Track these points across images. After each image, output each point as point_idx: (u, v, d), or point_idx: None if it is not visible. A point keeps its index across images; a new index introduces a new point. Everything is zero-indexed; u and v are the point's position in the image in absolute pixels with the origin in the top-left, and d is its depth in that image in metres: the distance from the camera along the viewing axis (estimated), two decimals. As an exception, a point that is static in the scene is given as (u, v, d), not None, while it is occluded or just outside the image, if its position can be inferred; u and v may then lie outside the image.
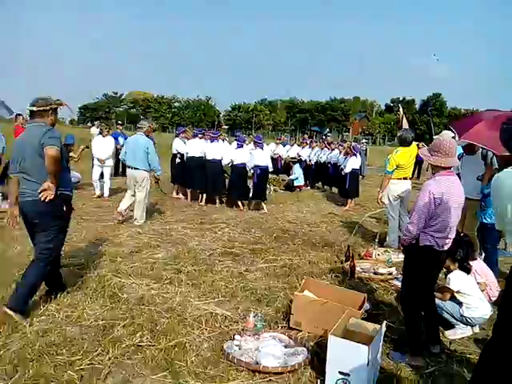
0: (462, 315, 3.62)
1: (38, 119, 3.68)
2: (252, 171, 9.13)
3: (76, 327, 3.41)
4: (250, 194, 9.17)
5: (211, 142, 9.47)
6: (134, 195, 7.11)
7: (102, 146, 9.66)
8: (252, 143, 10.03)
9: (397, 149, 6.27)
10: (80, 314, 3.61)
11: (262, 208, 8.97)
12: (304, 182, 12.81)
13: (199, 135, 9.66)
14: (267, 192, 10.97)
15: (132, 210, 7.20)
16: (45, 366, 2.83)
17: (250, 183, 9.40)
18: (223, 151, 9.39)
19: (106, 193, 9.66)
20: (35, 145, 3.53)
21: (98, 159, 9.55)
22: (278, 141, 15.67)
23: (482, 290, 3.88)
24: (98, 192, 9.52)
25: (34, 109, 3.68)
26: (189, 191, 9.77)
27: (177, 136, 10.50)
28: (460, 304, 3.65)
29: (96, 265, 4.85)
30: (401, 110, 6.92)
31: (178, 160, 9.90)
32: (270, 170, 9.47)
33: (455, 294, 3.67)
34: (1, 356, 2.93)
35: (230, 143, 11.55)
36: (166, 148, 10.28)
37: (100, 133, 10.19)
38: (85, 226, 6.68)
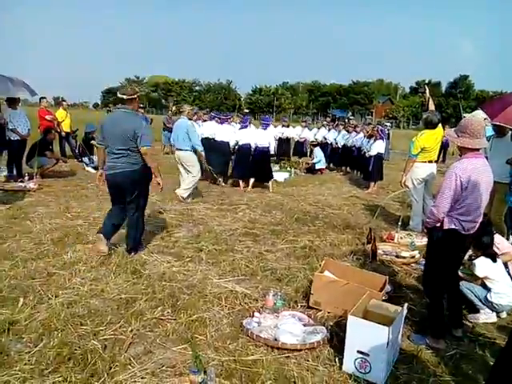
0: (489, 301, 3.55)
1: (127, 105, 4.40)
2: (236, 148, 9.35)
3: (100, 300, 3.50)
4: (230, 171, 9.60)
5: (221, 124, 9.74)
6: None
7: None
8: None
9: (422, 131, 6.10)
10: (103, 288, 3.70)
11: (268, 188, 9.11)
12: (326, 165, 12.67)
13: (216, 118, 9.91)
14: (287, 175, 10.97)
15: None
16: (69, 336, 2.92)
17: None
18: (231, 133, 9.61)
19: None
20: (128, 130, 4.26)
21: None
22: (303, 123, 15.09)
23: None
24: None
25: (125, 97, 4.38)
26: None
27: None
28: (489, 289, 3.58)
29: (119, 242, 4.94)
30: (427, 91, 6.68)
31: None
32: (272, 152, 9.62)
33: (483, 279, 3.60)
34: (27, 325, 3.03)
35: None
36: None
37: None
38: (107, 205, 6.78)
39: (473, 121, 3.03)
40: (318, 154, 12.36)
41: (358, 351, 2.69)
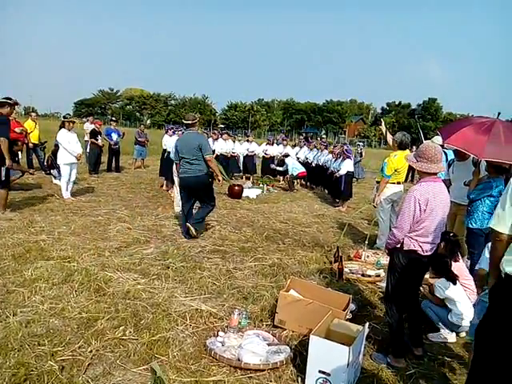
0: (450, 321, 3.65)
1: (192, 128, 6.19)
2: None
3: (59, 319, 3.40)
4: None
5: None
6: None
7: (73, 140, 8.46)
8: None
9: (395, 153, 6.20)
10: (64, 307, 3.60)
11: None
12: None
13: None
14: (259, 191, 11.07)
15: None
16: (26, 356, 2.82)
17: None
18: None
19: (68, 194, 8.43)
20: (195, 145, 5.92)
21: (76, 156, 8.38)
22: (284, 142, 14.72)
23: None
24: (67, 195, 8.38)
25: (190, 122, 6.14)
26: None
27: (166, 132, 10.94)
28: (450, 310, 3.67)
29: (83, 258, 4.84)
30: (383, 123, 6.88)
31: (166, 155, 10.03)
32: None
33: (444, 300, 3.70)
34: (-18, 345, 2.91)
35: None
36: (159, 145, 10.30)
37: (62, 127, 8.56)
38: (74, 219, 6.65)
39: (430, 146, 3.15)
40: (289, 161, 12.50)
41: (320, 371, 2.71)
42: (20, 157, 9.58)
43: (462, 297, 3.71)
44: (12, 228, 5.84)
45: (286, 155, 13.18)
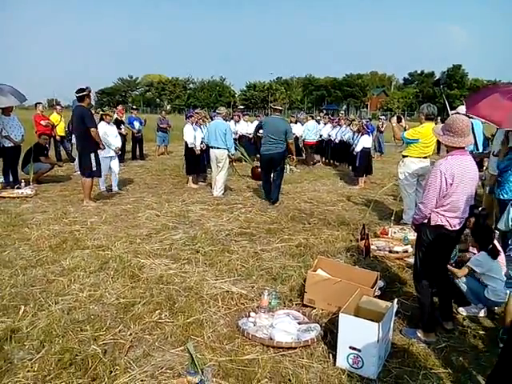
0: (486, 297, 3.59)
1: (277, 113, 7.90)
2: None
3: (99, 305, 3.58)
4: None
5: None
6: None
7: (113, 133, 8.47)
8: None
9: (422, 124, 6.02)
10: (102, 293, 3.78)
11: None
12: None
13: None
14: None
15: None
16: (70, 342, 3.00)
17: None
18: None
19: (115, 186, 8.51)
20: (282, 129, 7.31)
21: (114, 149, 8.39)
22: (309, 118, 14.31)
23: None
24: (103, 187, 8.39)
25: (278, 107, 8.01)
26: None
27: (186, 118, 9.91)
28: (485, 285, 3.62)
29: (117, 246, 5.02)
30: (393, 119, 6.69)
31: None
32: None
33: (481, 276, 3.64)
34: (28, 333, 3.11)
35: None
36: (180, 131, 10.32)
37: (102, 119, 8.58)
38: (105, 209, 6.87)
39: (458, 119, 3.08)
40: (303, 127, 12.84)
41: (350, 347, 2.78)
42: (49, 149, 9.92)
43: (500, 273, 3.64)
44: (47, 220, 6.09)
45: (296, 121, 13.28)
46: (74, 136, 10.20)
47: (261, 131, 12.87)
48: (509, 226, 3.22)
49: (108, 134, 8.20)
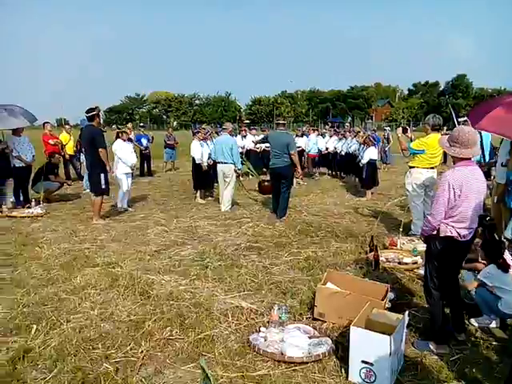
0: (499, 309, 3.54)
1: (281, 127, 7.78)
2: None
3: (110, 323, 3.60)
4: None
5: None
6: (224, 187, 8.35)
7: (129, 150, 8.55)
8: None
9: (428, 135, 6.06)
10: (113, 311, 3.80)
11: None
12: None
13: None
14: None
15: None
16: (82, 360, 3.02)
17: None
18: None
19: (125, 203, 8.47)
20: (284, 142, 7.37)
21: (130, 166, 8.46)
22: (315, 132, 14.60)
23: None
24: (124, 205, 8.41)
25: (281, 122, 7.95)
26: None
27: (193, 135, 9.90)
28: (499, 298, 3.57)
29: (126, 263, 5.06)
30: (399, 130, 6.70)
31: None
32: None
33: (493, 288, 3.59)
34: (41, 352, 3.13)
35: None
36: (187, 147, 10.42)
37: (118, 137, 8.59)
38: (114, 226, 6.93)
39: (464, 131, 3.10)
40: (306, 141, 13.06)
41: (363, 361, 2.76)
42: (58, 168, 10.06)
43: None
44: (57, 238, 6.16)
45: (303, 134, 13.42)
46: (82, 154, 10.36)
47: (264, 145, 13.25)
48: None
49: (125, 151, 8.30)
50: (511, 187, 4.68)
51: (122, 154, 8.21)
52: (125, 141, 8.52)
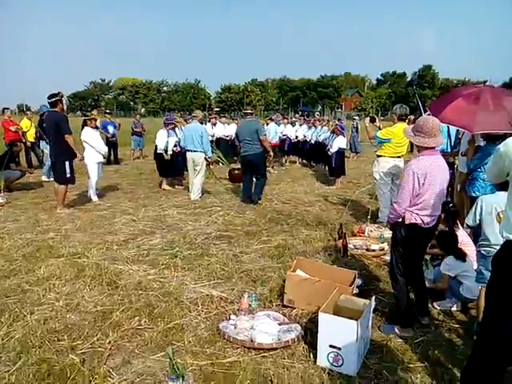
0: (462, 294, 3.69)
1: (249, 116, 8.04)
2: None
3: (76, 314, 3.51)
4: None
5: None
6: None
7: (98, 138, 8.26)
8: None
9: (394, 125, 6.17)
10: (79, 302, 3.71)
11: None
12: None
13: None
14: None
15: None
16: (47, 352, 2.93)
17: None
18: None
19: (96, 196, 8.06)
20: (253, 129, 7.51)
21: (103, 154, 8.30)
22: (285, 120, 14.78)
23: None
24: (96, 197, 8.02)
25: (248, 111, 8.16)
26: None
27: (165, 126, 9.43)
28: (460, 283, 3.72)
29: (93, 253, 4.94)
30: (366, 120, 7.02)
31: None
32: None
33: (456, 275, 3.74)
34: (4, 344, 3.03)
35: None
36: (155, 134, 10.19)
37: (85, 125, 8.21)
38: (79, 215, 6.74)
39: (428, 120, 3.17)
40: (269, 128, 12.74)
41: (330, 345, 2.82)
42: (19, 156, 9.68)
43: (473, 271, 3.72)
44: (19, 228, 5.94)
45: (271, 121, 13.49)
46: (42, 142, 10.01)
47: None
48: (476, 221, 3.35)
49: (96, 139, 7.99)
50: (471, 176, 4.83)
51: (94, 142, 7.86)
52: (93, 128, 8.16)
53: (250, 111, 8.26)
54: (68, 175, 6.86)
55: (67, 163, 6.81)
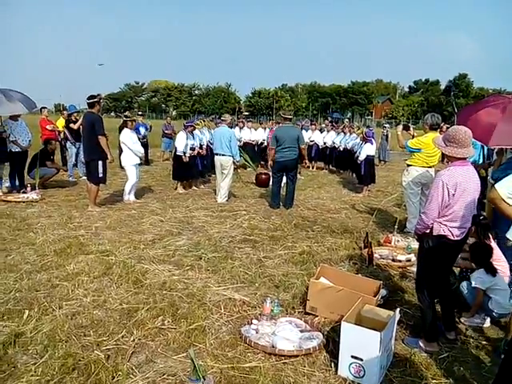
0: (490, 309, 3.59)
1: (288, 122, 8.04)
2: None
3: (102, 310, 3.60)
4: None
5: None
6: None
7: (136, 139, 8.30)
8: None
9: (426, 134, 6.06)
10: (106, 299, 3.80)
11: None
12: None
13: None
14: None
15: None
16: (73, 347, 3.02)
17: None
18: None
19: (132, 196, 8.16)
20: (295, 136, 7.61)
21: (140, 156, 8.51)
22: (313, 126, 14.80)
23: None
24: (131, 198, 8.10)
25: (288, 116, 8.10)
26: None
27: (185, 129, 9.30)
28: (490, 297, 3.61)
29: (121, 251, 5.05)
30: (399, 127, 6.87)
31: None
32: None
33: (487, 290, 3.63)
34: (32, 337, 3.13)
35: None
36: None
37: (125, 126, 8.33)
38: (109, 214, 6.91)
39: (460, 130, 3.10)
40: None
41: (352, 356, 2.78)
42: (55, 154, 10.02)
43: (503, 285, 3.64)
44: (52, 224, 6.14)
45: (302, 127, 13.37)
46: (68, 142, 10.33)
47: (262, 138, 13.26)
48: None
49: (134, 141, 8.05)
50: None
51: (132, 144, 7.94)
52: (131, 130, 8.26)
53: (289, 116, 8.07)
54: (100, 175, 7.06)
55: (100, 163, 7.01)
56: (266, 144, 13.22)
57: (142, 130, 13.42)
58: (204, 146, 10.05)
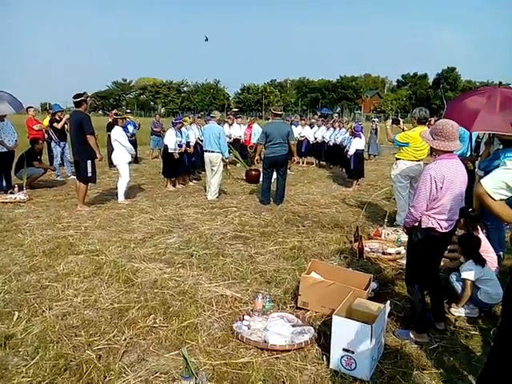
0: (479, 299, 3.64)
1: (278, 118, 7.91)
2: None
3: (93, 310, 3.58)
4: None
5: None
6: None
7: (126, 137, 8.25)
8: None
9: (414, 128, 6.11)
10: (96, 298, 3.78)
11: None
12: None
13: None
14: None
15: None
16: (64, 347, 3.00)
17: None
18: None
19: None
20: (285, 132, 7.54)
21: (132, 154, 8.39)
22: (302, 122, 14.71)
23: None
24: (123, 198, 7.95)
25: (278, 112, 7.99)
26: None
27: (173, 126, 9.28)
28: (478, 288, 3.66)
29: (111, 251, 5.02)
30: (388, 122, 6.88)
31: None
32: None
33: (476, 281, 3.68)
34: (23, 338, 3.11)
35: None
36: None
37: (115, 124, 8.33)
38: (98, 213, 6.86)
39: (447, 124, 3.12)
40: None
41: (344, 349, 2.80)
42: (42, 154, 9.90)
43: (492, 276, 3.70)
44: (41, 225, 6.08)
45: (291, 123, 13.41)
46: (53, 142, 10.23)
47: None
48: None
49: (125, 138, 8.02)
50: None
51: (125, 142, 7.89)
52: (123, 127, 8.18)
53: (279, 112, 8.02)
54: (90, 174, 6.99)
55: (89, 162, 6.94)
56: (242, 141, 13.18)
57: (131, 128, 13.27)
58: (191, 143, 10.02)
